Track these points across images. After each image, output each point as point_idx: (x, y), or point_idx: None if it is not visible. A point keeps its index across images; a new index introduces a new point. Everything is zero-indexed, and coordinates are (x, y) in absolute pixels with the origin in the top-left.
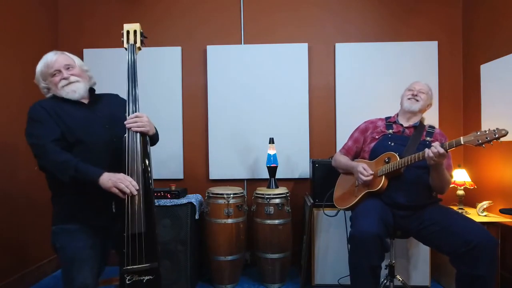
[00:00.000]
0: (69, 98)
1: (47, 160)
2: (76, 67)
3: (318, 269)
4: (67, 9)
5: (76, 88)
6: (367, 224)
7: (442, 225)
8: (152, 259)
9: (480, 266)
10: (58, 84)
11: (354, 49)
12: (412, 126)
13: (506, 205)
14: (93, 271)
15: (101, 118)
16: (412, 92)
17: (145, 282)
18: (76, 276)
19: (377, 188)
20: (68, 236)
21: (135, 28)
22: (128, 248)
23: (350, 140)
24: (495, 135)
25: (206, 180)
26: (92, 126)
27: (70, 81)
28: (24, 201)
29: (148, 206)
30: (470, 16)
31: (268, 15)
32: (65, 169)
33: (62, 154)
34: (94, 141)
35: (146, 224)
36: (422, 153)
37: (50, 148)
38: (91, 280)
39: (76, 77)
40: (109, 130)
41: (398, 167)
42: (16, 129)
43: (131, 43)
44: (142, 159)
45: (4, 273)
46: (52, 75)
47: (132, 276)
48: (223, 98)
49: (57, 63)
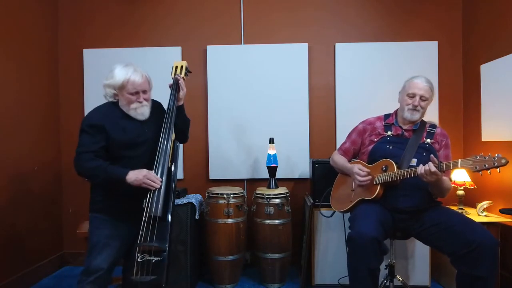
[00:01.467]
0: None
1: (79, 167)
2: (149, 92)
3: (318, 269)
4: (67, 9)
5: (144, 112)
6: (365, 227)
7: (442, 226)
8: (163, 242)
9: (481, 267)
10: (131, 104)
11: (354, 49)
12: (412, 129)
13: (506, 205)
14: (110, 258)
15: (149, 134)
16: (413, 102)
17: (153, 263)
18: (94, 259)
19: (372, 197)
20: (97, 223)
21: (182, 64)
22: (144, 229)
23: (347, 141)
24: (494, 164)
25: (206, 180)
26: (140, 144)
27: (143, 105)
28: (24, 201)
29: (168, 197)
30: (470, 16)
31: (268, 15)
32: (96, 174)
33: (94, 161)
34: (136, 156)
35: (163, 211)
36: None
37: (84, 156)
38: (106, 266)
39: (147, 102)
40: (153, 143)
41: (395, 179)
42: (14, 129)
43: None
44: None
45: (4, 273)
46: (130, 93)
47: (144, 255)
48: (223, 98)
49: (140, 87)
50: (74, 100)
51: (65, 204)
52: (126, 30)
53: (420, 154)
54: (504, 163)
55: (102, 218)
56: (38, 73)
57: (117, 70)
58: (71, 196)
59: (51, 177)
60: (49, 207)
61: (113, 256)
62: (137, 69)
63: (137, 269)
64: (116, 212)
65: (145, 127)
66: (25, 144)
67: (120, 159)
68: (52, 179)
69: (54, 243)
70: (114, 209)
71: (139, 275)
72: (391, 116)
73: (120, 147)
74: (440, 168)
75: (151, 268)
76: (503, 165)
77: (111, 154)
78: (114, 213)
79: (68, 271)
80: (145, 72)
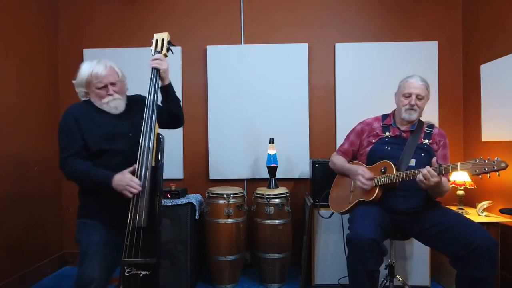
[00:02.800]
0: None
1: (65, 172)
2: (119, 83)
3: (318, 269)
4: (67, 9)
5: (118, 105)
6: (363, 228)
7: (442, 227)
8: (150, 255)
9: (480, 268)
10: (103, 99)
11: (354, 49)
12: (409, 130)
13: (506, 205)
14: (102, 266)
15: (126, 126)
16: (409, 101)
17: (141, 277)
18: (85, 269)
19: (370, 199)
20: (85, 230)
21: (163, 37)
22: (128, 240)
23: (346, 142)
24: (494, 168)
25: (206, 180)
26: (117, 136)
27: (114, 98)
28: (24, 201)
29: (152, 204)
30: (470, 16)
31: (268, 15)
32: (81, 178)
33: (77, 165)
34: (116, 150)
35: (148, 221)
36: (417, 172)
37: (66, 161)
38: (98, 275)
39: (118, 94)
40: (132, 137)
41: (393, 181)
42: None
43: (158, 51)
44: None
45: (4, 273)
46: (98, 88)
47: (131, 269)
48: (223, 98)
49: (106, 79)
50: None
51: (65, 204)
52: (126, 30)
53: (418, 154)
54: (503, 167)
55: (90, 224)
56: (38, 73)
57: (83, 67)
58: (71, 196)
59: (51, 177)
60: (49, 207)
61: (105, 264)
62: (102, 61)
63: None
64: (106, 216)
65: (122, 119)
66: (25, 144)
67: (100, 155)
68: (52, 179)
69: (54, 243)
70: (104, 213)
71: None
72: (389, 117)
73: (96, 141)
74: (439, 171)
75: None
76: (502, 169)
77: (90, 150)
78: (104, 217)
79: (68, 271)
80: (112, 63)
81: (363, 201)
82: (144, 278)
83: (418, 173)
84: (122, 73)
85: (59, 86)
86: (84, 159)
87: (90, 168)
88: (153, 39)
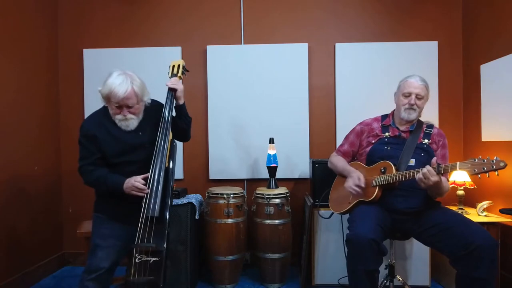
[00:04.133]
0: None
1: (83, 179)
2: (136, 105)
3: (318, 269)
4: (67, 9)
5: (130, 124)
6: (363, 228)
7: (441, 227)
8: (160, 242)
9: (480, 268)
10: (115, 116)
11: (354, 49)
12: (409, 130)
13: (506, 205)
14: (111, 258)
15: (143, 138)
16: (409, 101)
17: (151, 263)
18: (94, 258)
19: (370, 199)
20: (98, 223)
21: (179, 63)
22: (141, 227)
23: (346, 143)
24: (493, 167)
25: (206, 180)
26: (134, 148)
27: (126, 118)
28: (24, 201)
29: (165, 197)
30: (470, 16)
31: (268, 15)
32: (97, 186)
33: (94, 172)
34: (133, 160)
35: (160, 212)
36: (416, 171)
37: (84, 169)
38: (107, 265)
39: (133, 115)
40: (149, 148)
41: (393, 181)
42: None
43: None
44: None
45: (4, 273)
46: (114, 106)
47: (142, 256)
48: (223, 98)
49: (123, 102)
50: (74, 100)
51: (65, 204)
52: (126, 30)
53: (418, 154)
54: (502, 166)
55: (104, 218)
56: (38, 73)
57: (109, 79)
58: (71, 196)
59: (51, 177)
60: (49, 207)
61: (114, 256)
62: (127, 80)
63: (135, 270)
64: (118, 213)
65: (139, 130)
66: (25, 144)
67: (118, 165)
68: (52, 179)
69: (54, 243)
70: (116, 210)
71: (136, 276)
72: (388, 117)
73: (114, 155)
74: (438, 171)
75: (148, 269)
76: (501, 168)
77: (108, 161)
78: (116, 214)
79: (68, 271)
80: (135, 84)
81: (363, 201)
82: (154, 265)
83: (417, 172)
84: (143, 91)
85: (59, 86)
86: (101, 166)
87: (105, 175)
88: (170, 65)
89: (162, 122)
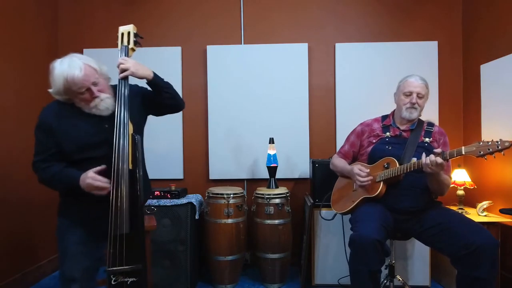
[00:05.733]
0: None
1: (38, 178)
2: (101, 80)
3: (318, 269)
4: (67, 9)
5: (108, 105)
6: (367, 229)
7: (442, 227)
8: (136, 260)
9: (481, 268)
10: (90, 103)
11: (354, 49)
12: (409, 129)
13: (506, 205)
14: (82, 265)
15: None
16: (410, 99)
17: (129, 284)
18: (65, 268)
19: (375, 194)
20: (64, 229)
21: (128, 30)
22: (111, 248)
23: (346, 144)
24: (498, 147)
25: (206, 180)
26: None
27: (102, 98)
28: (23, 201)
29: (134, 208)
30: (470, 16)
31: (268, 15)
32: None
33: (48, 169)
34: (98, 156)
35: (131, 226)
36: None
37: (37, 165)
38: (79, 274)
39: (105, 93)
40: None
41: (398, 174)
42: (11, 130)
43: (124, 45)
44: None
45: (4, 273)
46: (81, 93)
47: (117, 277)
48: (223, 98)
49: (86, 82)
50: None
51: None
52: None
53: (419, 153)
54: (507, 146)
55: (69, 223)
56: (38, 73)
57: (54, 72)
58: None
59: None
60: (49, 207)
61: (86, 263)
62: (74, 60)
63: None
64: (85, 216)
65: (105, 122)
66: (25, 144)
67: (79, 162)
68: None
69: (54, 243)
70: (83, 213)
71: None
72: (388, 117)
73: (74, 150)
74: (443, 157)
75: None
76: (506, 148)
77: (69, 157)
78: (83, 217)
79: None
80: (86, 60)
81: (366, 200)
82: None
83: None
84: (100, 66)
85: None
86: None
87: (60, 171)
88: (118, 33)
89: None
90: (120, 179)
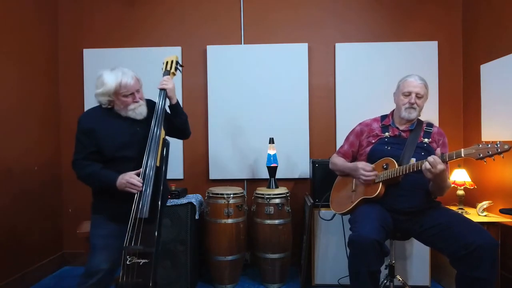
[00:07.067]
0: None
1: (76, 174)
2: (141, 90)
3: (318, 269)
4: (67, 9)
5: (143, 111)
6: (366, 229)
7: (442, 227)
8: (149, 244)
9: (480, 268)
10: (128, 106)
11: (354, 49)
12: (408, 130)
13: (506, 205)
14: (110, 258)
15: (141, 132)
16: (409, 100)
17: (141, 265)
18: (93, 260)
19: (374, 195)
20: (96, 224)
21: (172, 59)
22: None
23: (346, 143)
24: (497, 150)
25: (206, 180)
26: (131, 144)
27: (140, 104)
28: (24, 201)
29: (155, 199)
30: (470, 16)
31: (268, 15)
32: (90, 181)
33: (87, 168)
34: (129, 156)
35: (150, 213)
36: (420, 163)
37: (77, 164)
38: (105, 266)
39: (142, 101)
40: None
41: (397, 175)
42: (14, 129)
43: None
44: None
45: (4, 273)
46: (125, 96)
47: (132, 258)
48: (223, 98)
49: (133, 88)
50: (74, 100)
51: (65, 204)
52: (126, 30)
53: (418, 153)
54: (506, 149)
55: (101, 219)
56: (38, 73)
57: (106, 76)
58: (71, 196)
59: (51, 177)
60: (49, 207)
61: (113, 257)
62: (125, 70)
63: (124, 273)
64: (114, 213)
65: (137, 126)
66: (25, 144)
67: (113, 161)
68: (52, 179)
69: (54, 243)
70: (112, 210)
71: (124, 279)
72: (388, 117)
73: (112, 150)
74: (443, 159)
75: (138, 271)
76: (505, 150)
77: (105, 157)
78: (113, 214)
79: (68, 271)
80: (133, 72)
81: (366, 200)
82: (143, 267)
83: (422, 163)
84: (140, 79)
85: (59, 86)
86: (96, 162)
87: (99, 171)
88: (163, 61)
89: (154, 119)
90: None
